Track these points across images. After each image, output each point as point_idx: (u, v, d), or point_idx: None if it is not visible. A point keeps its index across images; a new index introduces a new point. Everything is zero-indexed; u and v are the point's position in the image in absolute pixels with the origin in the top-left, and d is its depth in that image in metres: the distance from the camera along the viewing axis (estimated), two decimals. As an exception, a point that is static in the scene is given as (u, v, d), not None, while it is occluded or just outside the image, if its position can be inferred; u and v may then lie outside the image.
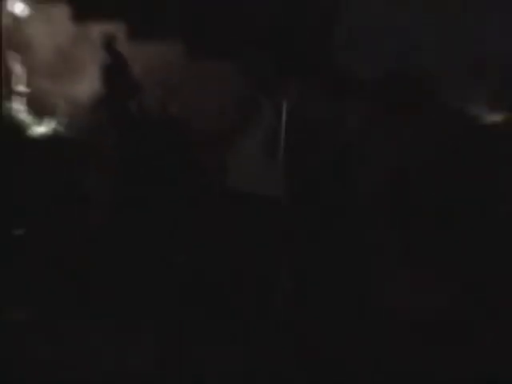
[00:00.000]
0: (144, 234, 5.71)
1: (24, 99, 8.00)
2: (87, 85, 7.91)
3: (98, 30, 7.97)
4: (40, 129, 7.75)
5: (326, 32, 7.48)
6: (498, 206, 6.21)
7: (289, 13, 7.52)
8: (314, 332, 4.48)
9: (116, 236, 5.75)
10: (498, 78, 7.46)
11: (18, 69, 8.05)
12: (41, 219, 5.90)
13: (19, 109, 7.91)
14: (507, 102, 7.36)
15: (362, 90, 7.24)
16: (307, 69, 7.13)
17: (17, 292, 4.83)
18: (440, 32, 7.42)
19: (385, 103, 7.02)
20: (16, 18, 8.11)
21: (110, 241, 5.66)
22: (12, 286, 4.89)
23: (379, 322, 4.56)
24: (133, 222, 5.93)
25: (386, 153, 6.56)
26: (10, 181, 6.18)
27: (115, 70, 7.64)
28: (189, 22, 7.92)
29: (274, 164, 5.10)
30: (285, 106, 5.08)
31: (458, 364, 4.11)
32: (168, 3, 7.92)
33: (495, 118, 7.43)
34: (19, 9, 8.07)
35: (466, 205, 6.16)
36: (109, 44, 7.67)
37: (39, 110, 7.84)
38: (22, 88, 8.04)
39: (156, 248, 5.56)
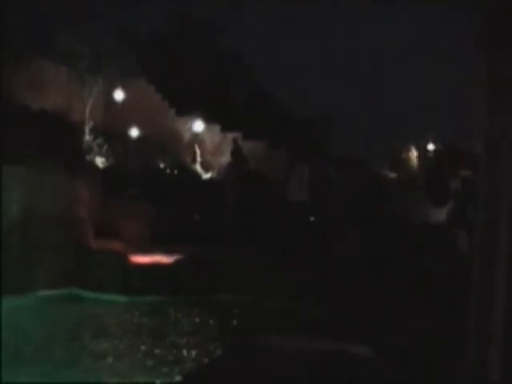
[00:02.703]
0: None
1: (199, 163, 19.56)
2: (226, 158, 19.43)
3: (231, 136, 19.60)
4: (206, 176, 19.21)
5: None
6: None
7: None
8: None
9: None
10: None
11: (197, 151, 19.64)
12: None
13: (198, 167, 19.45)
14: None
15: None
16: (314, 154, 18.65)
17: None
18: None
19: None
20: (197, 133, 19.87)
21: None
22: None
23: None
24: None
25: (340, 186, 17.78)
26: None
27: (238, 152, 19.11)
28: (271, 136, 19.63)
29: (302, 188, 16.65)
30: (306, 168, 16.77)
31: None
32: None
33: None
34: (199, 127, 19.81)
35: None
36: (235, 141, 19.17)
37: (206, 167, 19.39)
38: (198, 158, 19.60)
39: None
